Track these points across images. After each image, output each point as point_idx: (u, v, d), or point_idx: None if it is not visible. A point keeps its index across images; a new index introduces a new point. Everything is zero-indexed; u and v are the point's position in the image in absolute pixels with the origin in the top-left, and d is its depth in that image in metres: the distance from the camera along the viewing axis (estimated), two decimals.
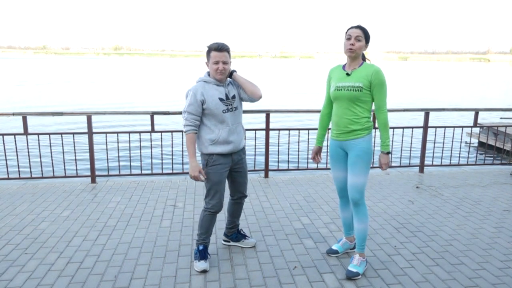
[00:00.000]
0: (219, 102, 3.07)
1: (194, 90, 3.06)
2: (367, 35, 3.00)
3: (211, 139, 3.09)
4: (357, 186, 3.04)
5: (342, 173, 3.24)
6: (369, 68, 2.98)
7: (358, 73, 2.99)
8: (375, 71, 2.94)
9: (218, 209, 3.19)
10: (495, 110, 6.63)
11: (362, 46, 2.97)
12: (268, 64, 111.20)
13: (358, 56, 3.02)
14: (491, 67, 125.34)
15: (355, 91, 2.96)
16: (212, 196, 3.16)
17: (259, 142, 6.71)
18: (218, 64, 3.05)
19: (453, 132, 6.66)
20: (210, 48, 3.08)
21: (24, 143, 5.49)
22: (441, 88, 34.24)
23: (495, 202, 4.75)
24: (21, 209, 4.37)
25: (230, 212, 3.50)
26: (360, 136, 3.02)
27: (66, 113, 5.47)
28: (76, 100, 21.80)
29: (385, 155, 3.06)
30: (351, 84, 2.98)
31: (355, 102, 2.99)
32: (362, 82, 2.95)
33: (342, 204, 3.36)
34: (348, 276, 3.04)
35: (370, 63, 3.04)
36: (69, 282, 2.95)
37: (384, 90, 2.99)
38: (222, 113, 3.08)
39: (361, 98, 2.98)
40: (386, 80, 3.02)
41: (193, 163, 3.05)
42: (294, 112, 6.26)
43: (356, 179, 3.03)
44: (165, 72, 59.51)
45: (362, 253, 3.16)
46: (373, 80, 2.94)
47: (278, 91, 29.50)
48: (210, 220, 3.22)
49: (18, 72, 51.87)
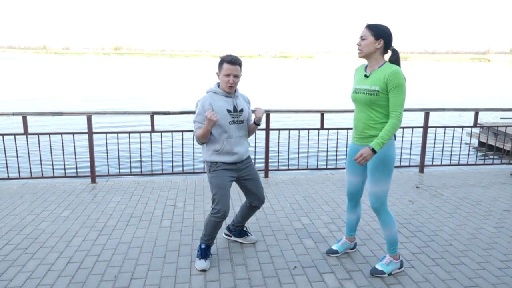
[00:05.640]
0: (227, 113, 3.11)
1: (203, 101, 3.12)
2: (376, 31, 2.81)
3: (215, 149, 3.14)
4: (375, 195, 2.94)
5: (355, 178, 3.15)
6: (387, 69, 2.79)
7: (377, 74, 2.83)
8: (392, 72, 2.75)
9: (223, 217, 3.15)
10: (495, 110, 6.62)
11: (368, 44, 2.82)
12: (268, 64, 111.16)
13: (371, 55, 2.85)
14: (491, 67, 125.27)
15: (371, 95, 2.82)
16: (217, 202, 3.15)
17: (259, 142, 6.71)
18: (229, 77, 3.08)
19: (453, 132, 6.66)
20: (223, 60, 3.10)
21: (24, 143, 5.49)
22: (441, 88, 34.22)
23: (495, 202, 4.75)
24: (21, 209, 4.37)
25: (242, 213, 3.50)
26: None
27: (66, 113, 5.47)
28: (76, 100, 21.80)
29: (370, 150, 2.74)
30: (368, 87, 2.84)
31: (371, 106, 2.85)
32: (378, 85, 2.79)
33: (349, 206, 3.32)
34: (372, 272, 3.06)
35: (391, 64, 2.82)
36: (69, 282, 2.94)
37: (401, 94, 2.75)
38: (228, 125, 3.12)
39: (378, 102, 2.82)
40: (404, 82, 2.78)
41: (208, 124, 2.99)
42: (294, 112, 6.26)
43: (374, 188, 2.93)
44: (165, 72, 59.48)
45: (393, 255, 3.10)
46: (389, 82, 2.75)
47: (278, 91, 29.50)
48: (215, 226, 3.21)
49: (18, 72, 51.85)
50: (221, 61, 3.12)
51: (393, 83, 2.75)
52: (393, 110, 2.78)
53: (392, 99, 2.78)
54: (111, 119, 13.57)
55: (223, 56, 3.13)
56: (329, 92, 28.83)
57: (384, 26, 2.84)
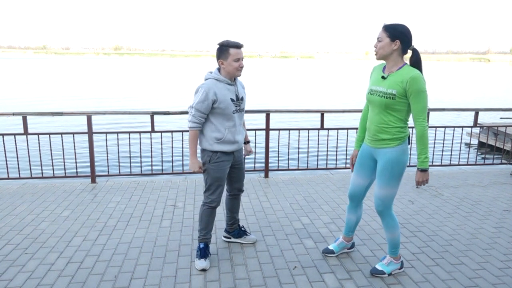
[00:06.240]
0: (231, 102, 3.06)
1: (207, 88, 2.98)
2: (391, 32, 2.70)
3: (217, 138, 3.09)
4: (382, 198, 2.90)
5: (362, 180, 3.10)
6: (407, 73, 2.67)
7: (395, 77, 2.73)
8: (412, 78, 2.63)
9: (217, 204, 3.23)
10: (495, 110, 6.62)
11: (384, 46, 2.72)
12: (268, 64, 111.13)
13: (388, 57, 2.76)
14: (491, 67, 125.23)
15: (387, 98, 2.72)
16: (212, 191, 3.18)
17: (259, 142, 6.71)
18: (239, 61, 3.01)
19: (453, 132, 6.65)
20: (228, 45, 2.99)
21: (24, 143, 5.48)
22: (441, 88, 34.21)
23: (495, 202, 4.75)
24: (21, 209, 4.37)
25: (229, 207, 3.53)
26: (390, 145, 2.81)
27: (66, 113, 5.46)
28: (76, 100, 21.79)
29: (420, 172, 2.74)
30: (384, 90, 2.75)
31: (386, 110, 2.76)
32: (396, 89, 2.69)
33: (350, 206, 3.29)
34: (372, 272, 3.07)
35: (411, 68, 2.71)
36: (69, 282, 2.94)
37: (422, 99, 2.66)
38: (232, 114, 3.08)
39: (394, 106, 2.73)
40: (425, 87, 2.69)
41: (193, 160, 3.10)
42: (294, 112, 6.26)
43: (382, 191, 2.89)
44: (165, 72, 59.47)
45: (393, 256, 3.10)
46: (408, 88, 2.65)
47: (278, 91, 29.49)
48: (210, 215, 3.24)
49: (18, 72, 51.84)
50: (225, 46, 3.00)
51: (413, 89, 2.65)
52: (417, 117, 2.70)
53: (414, 105, 2.69)
54: (111, 119, 13.57)
55: (223, 42, 3.03)
56: (329, 92, 28.83)
57: (402, 25, 2.73)
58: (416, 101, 2.68)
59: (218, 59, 3.05)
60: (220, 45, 3.03)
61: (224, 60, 3.02)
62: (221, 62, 3.04)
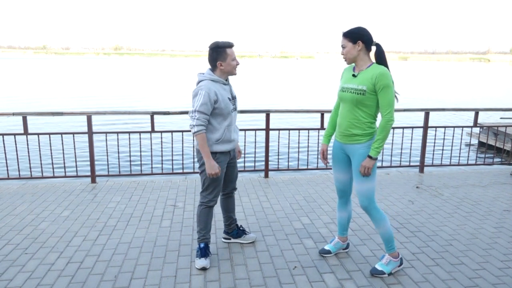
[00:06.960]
0: (228, 102, 3.12)
1: (207, 89, 3.00)
2: (351, 36, 2.89)
3: (216, 138, 3.11)
4: (363, 193, 3.00)
5: (342, 174, 3.22)
6: (375, 70, 2.85)
7: (364, 74, 2.90)
8: (380, 74, 2.82)
9: (215, 203, 3.26)
10: (495, 110, 6.62)
11: (349, 50, 2.90)
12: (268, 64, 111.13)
13: (356, 58, 2.92)
14: (491, 67, 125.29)
15: (358, 94, 2.88)
16: (210, 191, 3.21)
17: (259, 142, 6.71)
18: (236, 60, 3.12)
19: (453, 132, 6.66)
20: (224, 46, 3.05)
21: (24, 143, 5.48)
22: (441, 88, 34.23)
23: (495, 202, 4.75)
24: (21, 209, 4.37)
25: (224, 208, 3.54)
26: (360, 141, 2.96)
27: (66, 113, 5.47)
28: (76, 100, 21.79)
29: (369, 159, 2.90)
30: (355, 86, 2.90)
31: (357, 105, 2.91)
32: (366, 85, 2.85)
33: (339, 204, 3.36)
34: (372, 272, 3.08)
35: (378, 65, 2.90)
36: (69, 282, 2.95)
37: (388, 93, 2.82)
38: (230, 113, 3.14)
39: (364, 102, 2.89)
40: (392, 82, 2.85)
41: (211, 162, 3.05)
42: (294, 112, 6.26)
43: (361, 186, 2.99)
44: (165, 72, 59.48)
45: (392, 253, 3.12)
46: (377, 83, 2.82)
47: (278, 91, 29.50)
48: (208, 214, 3.25)
49: (18, 72, 51.84)
50: (221, 47, 3.04)
51: (380, 84, 2.82)
52: (383, 110, 2.87)
53: (381, 99, 2.86)
54: (111, 119, 13.57)
55: (217, 43, 3.06)
56: (329, 92, 28.82)
57: (358, 27, 2.92)
58: (383, 96, 2.84)
59: (216, 61, 3.07)
60: (216, 47, 3.06)
61: (222, 61, 3.07)
62: (220, 64, 3.08)
